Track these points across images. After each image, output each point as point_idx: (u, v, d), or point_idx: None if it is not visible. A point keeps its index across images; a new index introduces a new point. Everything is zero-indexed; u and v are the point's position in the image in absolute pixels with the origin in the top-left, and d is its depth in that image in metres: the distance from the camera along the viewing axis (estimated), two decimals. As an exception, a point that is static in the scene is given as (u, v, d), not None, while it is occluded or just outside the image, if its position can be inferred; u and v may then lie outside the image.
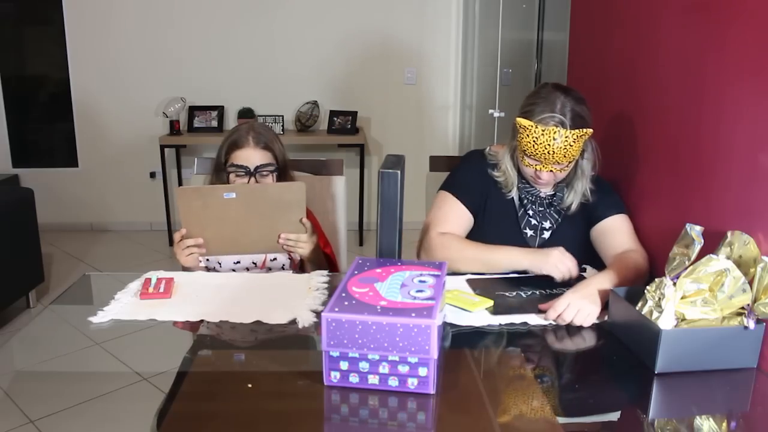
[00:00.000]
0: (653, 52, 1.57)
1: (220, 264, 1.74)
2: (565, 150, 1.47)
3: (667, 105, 1.50)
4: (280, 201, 1.56)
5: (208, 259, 1.73)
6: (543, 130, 1.47)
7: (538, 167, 1.54)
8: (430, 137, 4.74)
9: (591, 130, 1.49)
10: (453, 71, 4.68)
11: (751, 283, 1.11)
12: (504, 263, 1.53)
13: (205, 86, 4.59)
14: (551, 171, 1.53)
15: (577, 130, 1.47)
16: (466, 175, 1.69)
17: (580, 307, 1.32)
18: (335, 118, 4.55)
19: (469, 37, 4.42)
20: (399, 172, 1.24)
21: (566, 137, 1.46)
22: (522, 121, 1.50)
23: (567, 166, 1.54)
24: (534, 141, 1.48)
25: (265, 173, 1.70)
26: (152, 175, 4.74)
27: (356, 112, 4.55)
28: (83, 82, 4.60)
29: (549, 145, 1.47)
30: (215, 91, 4.60)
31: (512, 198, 1.65)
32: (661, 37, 1.53)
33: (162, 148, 4.35)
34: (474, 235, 1.64)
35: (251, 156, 1.69)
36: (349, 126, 4.51)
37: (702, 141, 1.36)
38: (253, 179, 1.68)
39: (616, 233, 1.59)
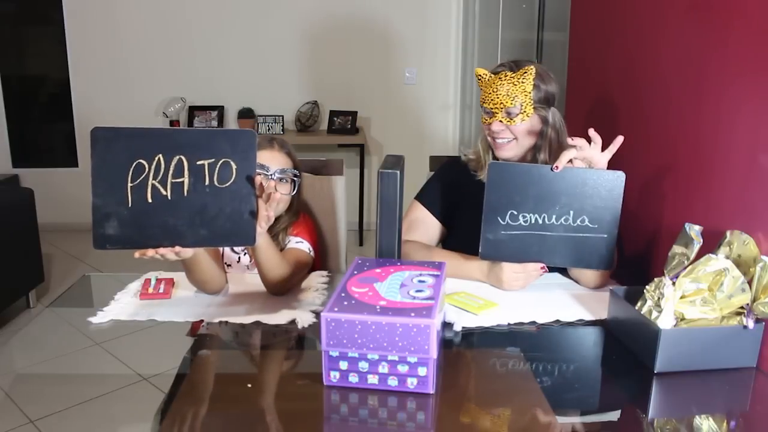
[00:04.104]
0: (653, 52, 1.57)
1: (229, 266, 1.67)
2: (509, 90, 1.50)
3: (668, 104, 1.50)
4: None
5: (229, 265, 1.65)
6: (493, 76, 1.54)
7: (491, 120, 1.55)
8: (430, 137, 4.74)
9: (533, 67, 1.51)
10: (453, 71, 4.67)
11: (750, 282, 1.12)
12: (461, 275, 1.53)
13: (205, 86, 4.59)
14: (500, 121, 1.53)
15: (520, 70, 1.51)
16: (436, 184, 1.73)
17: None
18: (335, 118, 4.55)
19: (469, 37, 4.41)
20: (399, 172, 1.25)
21: (510, 77, 1.51)
22: (479, 70, 1.57)
23: (516, 117, 1.52)
24: (486, 87, 1.55)
25: (284, 179, 1.57)
26: (152, 175, 4.74)
27: (356, 112, 4.55)
28: (83, 82, 4.59)
29: (496, 86, 1.52)
30: (215, 91, 4.60)
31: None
32: (661, 36, 1.53)
33: (162, 148, 4.34)
34: (458, 232, 1.65)
35: (273, 158, 1.57)
36: (349, 126, 4.51)
37: (702, 140, 1.36)
38: (271, 183, 1.44)
39: None
